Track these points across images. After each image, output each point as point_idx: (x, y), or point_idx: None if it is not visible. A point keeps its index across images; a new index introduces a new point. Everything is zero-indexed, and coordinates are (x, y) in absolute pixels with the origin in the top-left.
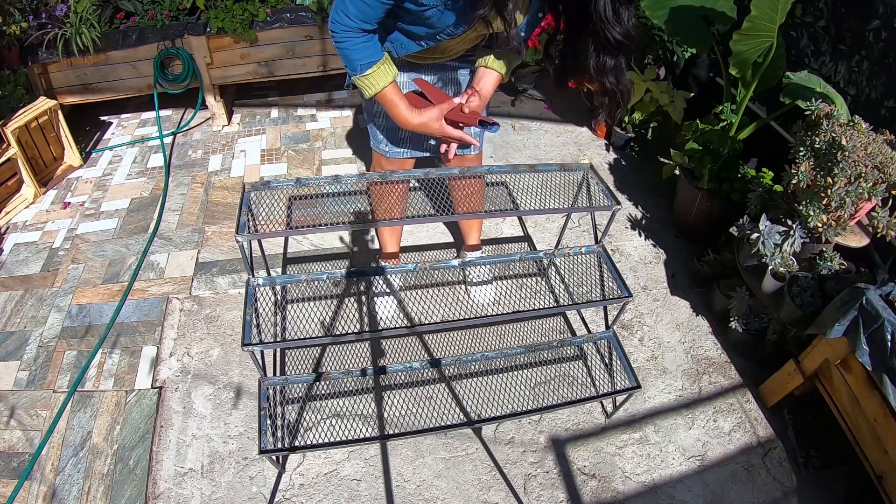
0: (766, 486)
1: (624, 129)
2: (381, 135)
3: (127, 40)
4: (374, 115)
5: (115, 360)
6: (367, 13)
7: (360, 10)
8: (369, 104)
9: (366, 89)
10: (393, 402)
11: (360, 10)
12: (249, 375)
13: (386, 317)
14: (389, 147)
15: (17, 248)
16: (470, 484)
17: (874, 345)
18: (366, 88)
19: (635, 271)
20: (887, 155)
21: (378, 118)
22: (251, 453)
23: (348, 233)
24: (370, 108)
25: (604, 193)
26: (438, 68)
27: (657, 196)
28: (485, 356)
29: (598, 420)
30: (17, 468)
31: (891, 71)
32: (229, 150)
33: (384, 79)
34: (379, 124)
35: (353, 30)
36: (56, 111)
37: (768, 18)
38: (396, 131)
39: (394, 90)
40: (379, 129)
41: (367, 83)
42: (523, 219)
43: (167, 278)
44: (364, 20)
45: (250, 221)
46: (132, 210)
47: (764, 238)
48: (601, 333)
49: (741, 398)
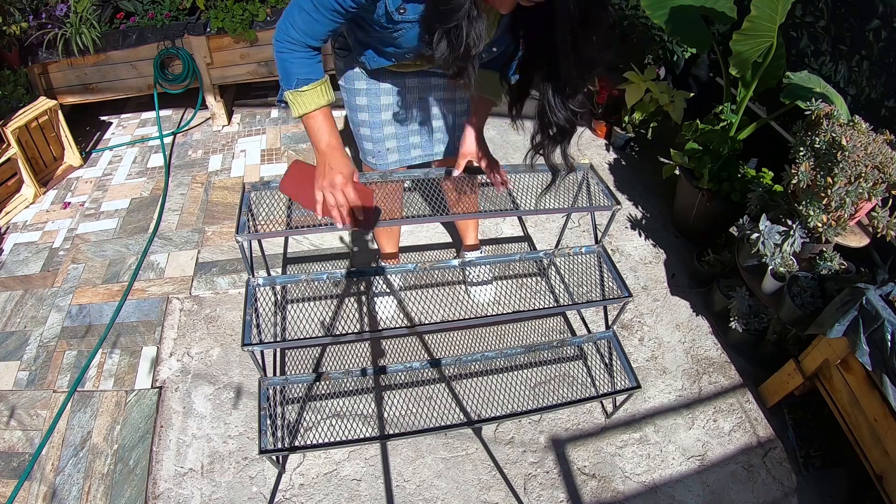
0: (766, 486)
1: (624, 129)
2: (367, 145)
3: (127, 40)
4: (357, 123)
5: (115, 360)
6: (315, 29)
7: (307, 23)
8: (352, 113)
9: (296, 107)
10: (393, 401)
11: (307, 23)
12: (249, 375)
13: (386, 317)
14: (377, 159)
15: (17, 247)
16: (470, 484)
17: (874, 345)
18: (296, 106)
19: (635, 271)
20: (887, 155)
21: (362, 127)
22: (251, 453)
23: (348, 233)
24: (353, 118)
25: (604, 193)
26: (421, 75)
27: (657, 196)
28: (485, 356)
29: (598, 420)
30: (17, 468)
31: (891, 71)
32: (229, 150)
33: (318, 100)
34: (363, 134)
35: (298, 43)
36: (56, 111)
37: (768, 18)
38: (383, 142)
39: (325, 115)
40: (364, 140)
41: (299, 101)
42: (523, 219)
43: (167, 278)
44: (310, 35)
45: (250, 221)
46: (132, 210)
47: (764, 238)
48: (601, 333)
49: (741, 398)
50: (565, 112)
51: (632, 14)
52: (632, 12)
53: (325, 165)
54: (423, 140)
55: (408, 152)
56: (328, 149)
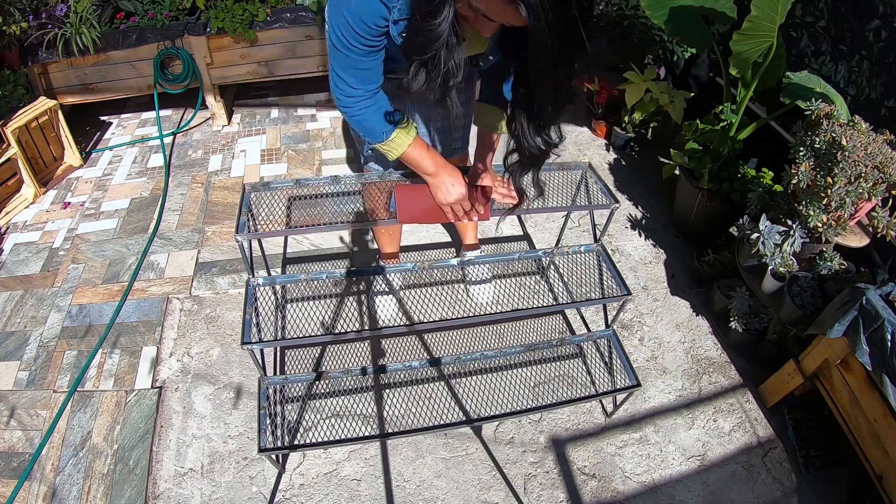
0: (766, 486)
1: (624, 129)
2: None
3: (127, 40)
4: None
5: (115, 360)
6: (366, 77)
7: (358, 78)
8: None
9: (391, 153)
10: (393, 401)
11: (358, 78)
12: (249, 375)
13: (385, 316)
14: (378, 162)
15: (17, 248)
16: (470, 484)
17: (874, 345)
18: (391, 153)
19: (635, 271)
20: (887, 155)
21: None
22: (251, 453)
23: (348, 233)
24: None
25: (602, 192)
26: None
27: (657, 196)
28: (484, 355)
29: (598, 420)
30: (17, 468)
31: (891, 71)
32: (229, 150)
33: (407, 138)
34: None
35: (362, 96)
36: (56, 111)
37: (768, 18)
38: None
39: (418, 145)
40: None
41: (392, 147)
42: (523, 218)
43: (167, 278)
44: (367, 82)
45: (250, 221)
46: (132, 210)
47: (764, 238)
48: (601, 332)
49: (741, 398)
50: (538, 140)
51: (632, 14)
52: (632, 12)
53: (443, 184)
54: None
55: None
56: (438, 170)
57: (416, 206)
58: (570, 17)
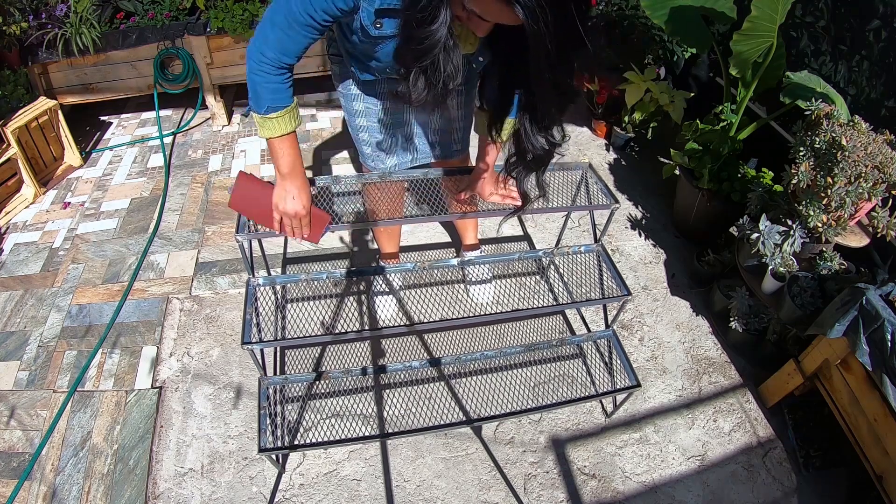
0: (766, 486)
1: (624, 129)
2: (366, 150)
3: (127, 40)
4: (355, 129)
5: (115, 360)
6: (289, 46)
7: (281, 41)
8: (350, 118)
9: (262, 129)
10: (393, 401)
11: (281, 41)
12: (249, 375)
13: (385, 316)
14: (375, 162)
15: (17, 248)
16: (470, 484)
17: (874, 345)
18: (263, 129)
19: (635, 271)
20: (887, 155)
21: (361, 132)
22: (251, 453)
23: (348, 233)
24: (352, 122)
25: (602, 192)
26: None
27: (657, 196)
28: (484, 355)
29: (598, 420)
30: (17, 468)
31: (891, 71)
32: (229, 150)
33: (285, 127)
34: (363, 138)
35: (272, 63)
36: (56, 111)
37: (768, 18)
38: (381, 145)
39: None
40: (363, 144)
41: (266, 125)
42: (523, 218)
43: (167, 278)
44: (285, 53)
45: (250, 221)
46: (132, 210)
47: (764, 238)
48: (601, 332)
49: (741, 398)
50: (542, 140)
51: (632, 14)
52: (632, 12)
53: (285, 191)
54: (421, 143)
55: (406, 155)
56: (290, 175)
57: (251, 197)
58: (568, 15)
